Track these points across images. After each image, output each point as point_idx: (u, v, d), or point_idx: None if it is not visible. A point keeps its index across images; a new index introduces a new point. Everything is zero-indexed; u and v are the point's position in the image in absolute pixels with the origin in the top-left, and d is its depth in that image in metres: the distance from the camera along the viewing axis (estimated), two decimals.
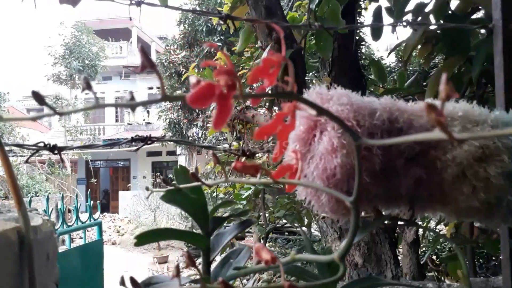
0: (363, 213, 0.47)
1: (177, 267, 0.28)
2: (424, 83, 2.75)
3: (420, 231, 2.10)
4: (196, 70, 5.09)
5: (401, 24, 0.51)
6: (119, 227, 12.23)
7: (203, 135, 8.19)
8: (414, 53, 2.13)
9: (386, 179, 0.44)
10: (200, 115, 7.75)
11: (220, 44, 6.19)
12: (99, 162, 16.59)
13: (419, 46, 1.84)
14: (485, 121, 0.46)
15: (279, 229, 5.06)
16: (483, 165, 0.44)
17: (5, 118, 0.22)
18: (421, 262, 2.17)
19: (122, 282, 0.28)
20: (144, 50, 0.21)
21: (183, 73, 5.24)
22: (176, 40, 7.65)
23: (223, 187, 5.21)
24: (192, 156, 12.37)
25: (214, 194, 5.03)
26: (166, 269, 8.39)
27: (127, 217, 12.74)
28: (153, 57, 17.99)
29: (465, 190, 0.45)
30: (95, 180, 13.69)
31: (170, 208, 11.60)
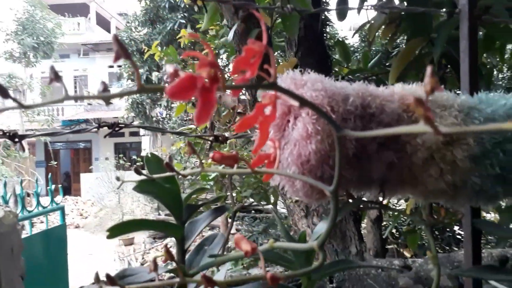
0: None
1: (154, 261, 0.28)
2: (387, 64, 2.80)
3: None
4: (159, 48, 4.93)
5: (371, 8, 0.51)
6: (82, 210, 11.95)
7: (168, 115, 8.04)
8: (377, 34, 2.16)
9: (359, 164, 0.44)
10: (164, 95, 7.58)
11: (184, 21, 6.03)
12: (59, 144, 16.00)
13: (382, 27, 1.87)
14: (452, 106, 0.48)
15: (246, 208, 5.11)
16: (450, 148, 0.46)
17: None
18: (383, 237, 2.27)
19: (97, 279, 0.27)
20: (118, 38, 0.20)
21: (145, 51, 5.07)
22: (137, 17, 7.37)
23: (189, 168, 5.17)
24: (157, 136, 12.16)
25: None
26: (133, 251, 8.32)
27: (90, 200, 12.46)
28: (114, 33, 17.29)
29: (433, 173, 0.46)
30: (55, 162, 13.21)
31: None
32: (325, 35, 2.75)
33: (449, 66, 1.61)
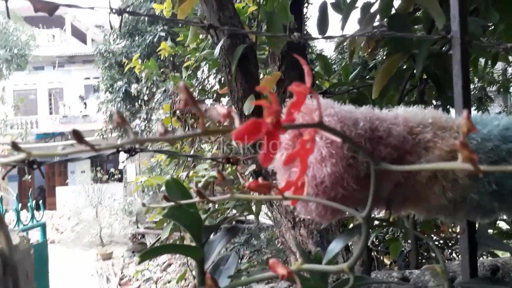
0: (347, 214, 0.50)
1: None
2: (367, 76, 2.88)
3: None
4: (140, 61, 4.91)
5: (369, 34, 0.54)
6: (58, 224, 11.64)
7: (147, 127, 7.96)
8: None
9: (368, 184, 0.47)
10: (143, 107, 7.51)
11: (164, 34, 6.02)
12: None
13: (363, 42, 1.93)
14: (452, 127, 0.51)
15: (228, 220, 5.09)
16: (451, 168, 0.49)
17: None
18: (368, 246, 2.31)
19: None
20: (187, 87, 0.21)
21: (125, 63, 5.03)
22: (115, 29, 7.32)
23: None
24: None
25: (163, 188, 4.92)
26: (111, 266, 8.13)
27: (66, 214, 12.15)
28: (90, 46, 17.05)
29: (436, 190, 0.49)
30: (29, 176, 12.84)
31: (113, 203, 11.21)
32: (306, 48, 2.80)
33: (429, 80, 1.68)
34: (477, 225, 0.65)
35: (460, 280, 0.60)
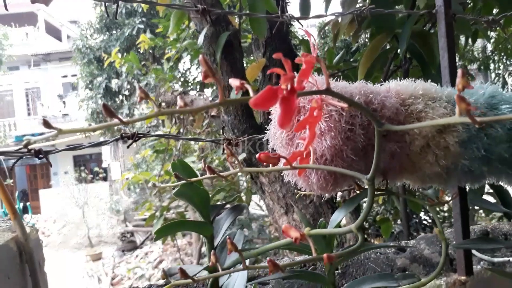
0: (346, 187, 0.52)
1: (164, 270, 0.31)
2: (351, 59, 2.91)
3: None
4: (120, 56, 4.84)
5: (357, 11, 0.56)
6: (44, 227, 11.47)
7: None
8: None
9: (366, 156, 0.49)
10: (125, 102, 7.42)
11: (142, 26, 5.93)
12: (13, 161, 15.20)
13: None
14: (441, 98, 0.53)
15: (213, 205, 5.10)
16: (443, 136, 0.51)
17: None
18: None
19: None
20: (206, 59, 0.22)
21: (104, 58, 4.95)
22: (92, 24, 7.16)
23: (158, 176, 5.10)
24: (118, 146, 11.88)
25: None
26: (102, 266, 8.08)
27: (52, 217, 11.99)
28: (65, 43, 16.66)
29: (429, 159, 0.51)
30: (11, 180, 12.59)
31: (99, 203, 11.10)
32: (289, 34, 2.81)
33: (412, 59, 1.71)
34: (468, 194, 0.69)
35: (458, 242, 0.63)
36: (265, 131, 0.52)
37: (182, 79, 5.10)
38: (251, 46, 3.81)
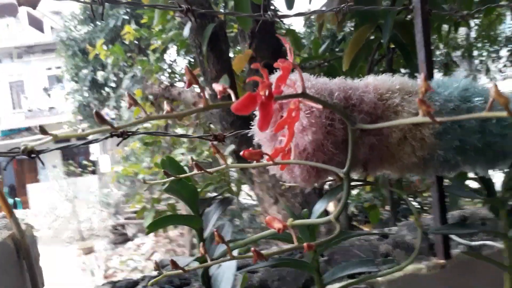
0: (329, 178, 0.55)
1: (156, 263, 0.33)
2: (336, 49, 2.93)
3: None
4: (105, 47, 4.78)
5: (337, 9, 0.58)
6: (33, 222, 11.39)
7: (118, 116, 7.82)
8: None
9: (346, 148, 0.51)
10: (112, 94, 7.34)
11: (127, 17, 5.85)
12: None
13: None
14: (417, 92, 0.56)
15: (202, 199, 5.12)
16: (419, 128, 0.54)
17: None
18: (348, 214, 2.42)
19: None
20: (189, 68, 0.24)
21: (89, 50, 4.89)
22: (76, 15, 7.05)
23: (147, 168, 5.10)
24: (106, 139, 11.75)
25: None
26: (94, 259, 8.08)
27: (41, 211, 11.90)
28: (49, 34, 16.34)
29: (407, 150, 0.54)
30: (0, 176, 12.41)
31: (89, 196, 11.05)
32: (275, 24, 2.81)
33: (396, 49, 1.74)
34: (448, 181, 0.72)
35: (435, 228, 0.67)
36: (252, 124, 0.54)
37: (168, 70, 5.06)
38: (237, 36, 3.80)
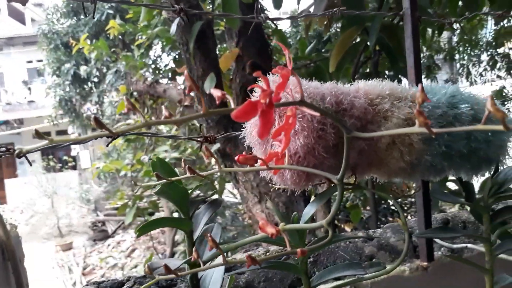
0: (317, 181, 0.55)
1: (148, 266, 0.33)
2: (322, 50, 2.95)
3: None
4: (88, 42, 4.70)
5: (329, 13, 0.58)
6: (10, 218, 11.13)
7: (99, 111, 7.70)
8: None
9: (336, 153, 0.52)
10: (94, 90, 7.23)
11: (112, 11, 5.76)
12: None
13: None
14: (406, 97, 0.57)
15: (191, 200, 5.10)
16: (408, 133, 0.55)
17: None
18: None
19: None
20: (189, 74, 0.24)
21: (72, 44, 4.80)
22: (58, 8, 6.90)
23: (130, 165, 5.04)
24: (86, 133, 11.62)
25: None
26: (72, 256, 7.95)
27: (19, 207, 11.64)
28: (30, 26, 15.96)
29: (395, 155, 0.55)
30: None
31: (69, 192, 10.87)
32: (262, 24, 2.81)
33: (382, 51, 1.76)
34: (430, 185, 0.73)
35: (417, 232, 0.68)
36: (241, 127, 0.54)
37: (153, 66, 5.01)
38: (224, 33, 3.78)
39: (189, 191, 0.52)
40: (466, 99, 0.60)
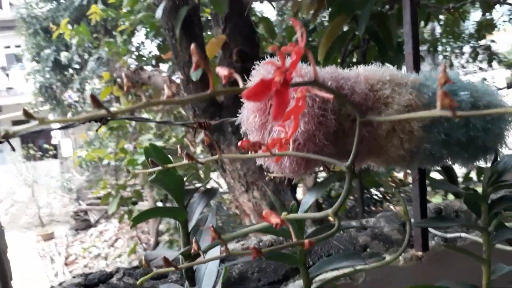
0: (316, 169, 0.54)
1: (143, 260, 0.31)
2: (309, 39, 2.92)
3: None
4: (70, 27, 4.57)
5: None
6: None
7: (81, 98, 7.54)
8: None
9: (336, 140, 0.50)
10: (76, 77, 7.06)
11: None
12: None
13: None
14: (406, 84, 0.55)
15: (186, 189, 5.05)
16: (408, 121, 0.53)
17: None
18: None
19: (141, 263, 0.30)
20: (198, 48, 0.22)
21: (52, 30, 4.66)
22: None
23: (112, 153, 4.95)
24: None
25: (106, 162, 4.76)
26: (54, 246, 7.84)
27: None
28: (8, 11, 15.45)
29: (395, 142, 0.54)
30: None
31: (50, 181, 10.68)
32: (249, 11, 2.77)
33: (370, 40, 1.75)
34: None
35: (413, 222, 0.67)
36: (228, 110, 0.52)
37: (136, 53, 4.91)
38: (208, 21, 3.71)
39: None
40: (465, 86, 0.59)
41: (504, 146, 0.63)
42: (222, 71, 0.24)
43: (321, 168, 0.55)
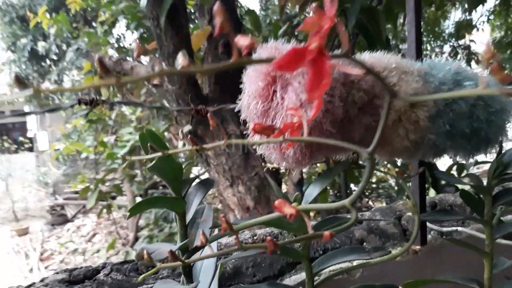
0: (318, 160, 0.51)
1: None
2: (295, 33, 2.90)
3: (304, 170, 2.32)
4: (48, 16, 4.43)
5: None
6: None
7: None
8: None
9: (342, 128, 0.48)
10: (53, 67, 6.87)
11: None
12: None
13: None
14: (413, 72, 0.53)
15: (155, 185, 4.99)
16: (414, 110, 0.51)
17: None
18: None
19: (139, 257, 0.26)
20: (224, 11, 0.19)
21: (30, 18, 4.51)
22: None
23: (91, 147, 4.84)
24: (45, 115, 11.10)
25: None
26: (29, 241, 7.64)
27: None
28: None
29: (400, 132, 0.52)
30: None
31: (25, 174, 10.41)
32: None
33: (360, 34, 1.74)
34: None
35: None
36: (213, 103, 0.49)
37: (116, 44, 4.79)
38: (191, 13, 3.64)
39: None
40: (470, 76, 0.57)
41: (505, 138, 0.62)
42: (242, 41, 0.21)
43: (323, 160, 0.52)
